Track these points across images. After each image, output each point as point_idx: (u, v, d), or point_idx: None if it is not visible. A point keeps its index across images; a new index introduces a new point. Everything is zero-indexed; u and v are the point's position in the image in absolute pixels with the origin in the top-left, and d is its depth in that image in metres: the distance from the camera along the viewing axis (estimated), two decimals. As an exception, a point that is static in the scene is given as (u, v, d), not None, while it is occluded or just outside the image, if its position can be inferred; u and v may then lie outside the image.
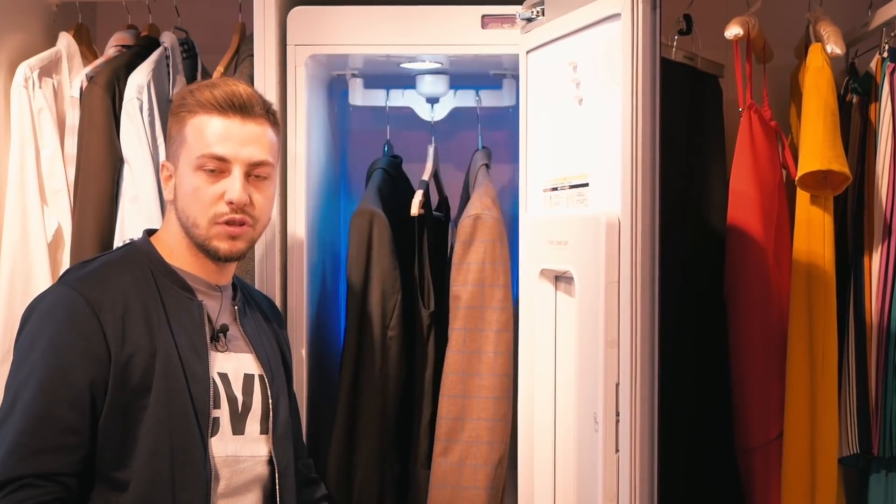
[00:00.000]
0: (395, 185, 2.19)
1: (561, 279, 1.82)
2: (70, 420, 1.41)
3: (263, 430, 1.58)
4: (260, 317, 1.69)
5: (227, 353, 1.56)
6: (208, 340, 1.53)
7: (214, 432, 1.51)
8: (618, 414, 1.56)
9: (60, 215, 2.12)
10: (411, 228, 2.08)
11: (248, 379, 1.58)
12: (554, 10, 1.80)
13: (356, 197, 2.22)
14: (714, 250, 2.09)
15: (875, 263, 2.00)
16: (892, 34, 2.05)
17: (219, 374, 1.53)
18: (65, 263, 2.09)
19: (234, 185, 1.51)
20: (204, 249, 1.54)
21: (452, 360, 1.93)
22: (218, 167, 1.51)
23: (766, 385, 2.04)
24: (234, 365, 1.57)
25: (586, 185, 1.71)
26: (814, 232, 1.98)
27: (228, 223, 1.52)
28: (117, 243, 2.00)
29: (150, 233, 1.62)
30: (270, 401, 1.59)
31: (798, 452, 1.98)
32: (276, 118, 1.60)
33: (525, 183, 1.93)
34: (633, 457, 1.54)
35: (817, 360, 1.97)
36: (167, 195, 1.58)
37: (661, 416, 1.55)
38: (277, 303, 1.96)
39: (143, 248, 1.57)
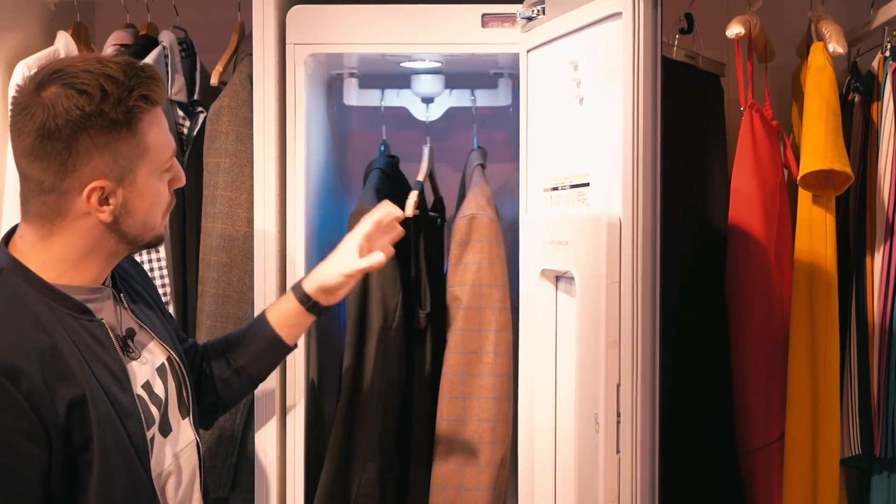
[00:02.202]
0: (392, 186, 2.19)
1: (562, 279, 1.82)
2: None
3: (184, 414, 1.50)
4: (137, 288, 1.54)
5: (138, 359, 1.43)
6: (123, 361, 1.38)
7: (153, 453, 1.40)
8: (619, 414, 1.56)
9: (59, 215, 2.10)
10: (405, 229, 2.07)
11: (161, 371, 1.47)
12: (554, 9, 1.79)
13: (356, 197, 2.22)
14: (715, 250, 2.09)
15: (877, 263, 2.00)
16: (894, 33, 2.04)
17: (141, 387, 1.41)
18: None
19: (180, 171, 1.43)
20: (148, 245, 1.42)
21: (452, 362, 1.93)
22: None
23: (768, 385, 2.03)
24: (148, 365, 1.45)
25: (587, 184, 1.70)
26: (815, 232, 1.97)
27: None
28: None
29: (5, 241, 1.38)
30: (182, 380, 1.51)
31: (800, 453, 1.97)
32: None
33: (525, 183, 1.92)
34: (635, 458, 1.53)
35: (819, 360, 1.97)
36: (105, 217, 1.34)
37: (663, 417, 1.55)
38: (276, 303, 1.95)
39: (19, 276, 1.33)
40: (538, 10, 1.85)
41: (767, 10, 2.13)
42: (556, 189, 1.80)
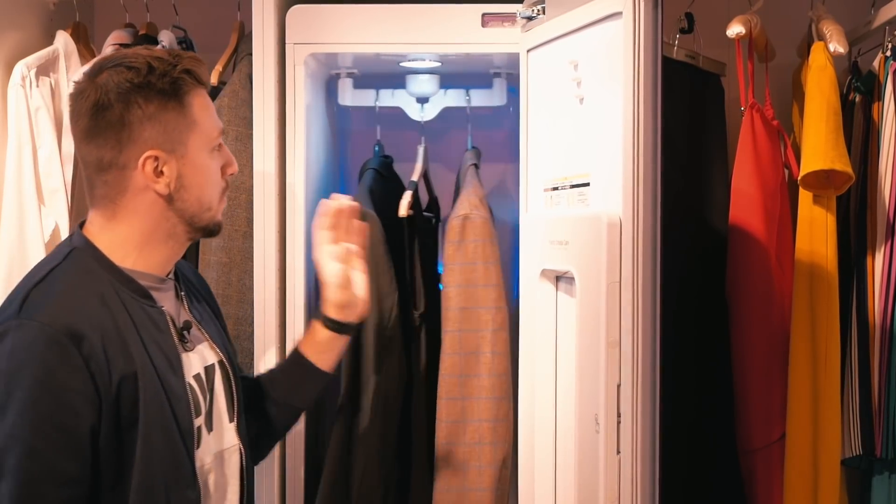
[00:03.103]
0: (386, 186, 2.19)
1: (562, 279, 1.81)
2: (70, 471, 1.29)
3: (231, 419, 1.54)
4: (198, 293, 1.60)
5: (192, 351, 1.48)
6: (178, 348, 1.44)
7: (199, 443, 1.44)
8: (619, 415, 1.55)
9: (58, 215, 2.10)
10: (400, 229, 2.07)
11: (209, 370, 1.52)
12: (555, 9, 1.79)
13: (353, 196, 2.22)
14: (716, 250, 2.09)
15: (878, 263, 1.99)
16: (895, 32, 2.03)
17: (193, 377, 1.46)
18: (62, 263, 2.08)
19: (232, 157, 1.49)
20: (209, 229, 1.48)
21: (449, 363, 1.92)
22: None
23: (769, 386, 2.03)
24: (199, 360, 1.50)
25: (587, 184, 1.70)
26: (816, 232, 1.97)
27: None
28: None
29: (80, 226, 1.46)
30: (232, 384, 1.55)
31: (800, 454, 1.97)
32: None
33: (526, 183, 1.92)
34: (635, 458, 1.53)
35: (820, 360, 1.96)
36: (162, 189, 1.40)
37: (663, 417, 1.54)
38: (275, 304, 1.95)
39: (89, 255, 1.41)
40: (538, 10, 1.84)
41: (768, 10, 2.13)
42: (556, 189, 1.80)
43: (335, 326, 1.66)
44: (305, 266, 2.00)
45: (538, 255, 1.83)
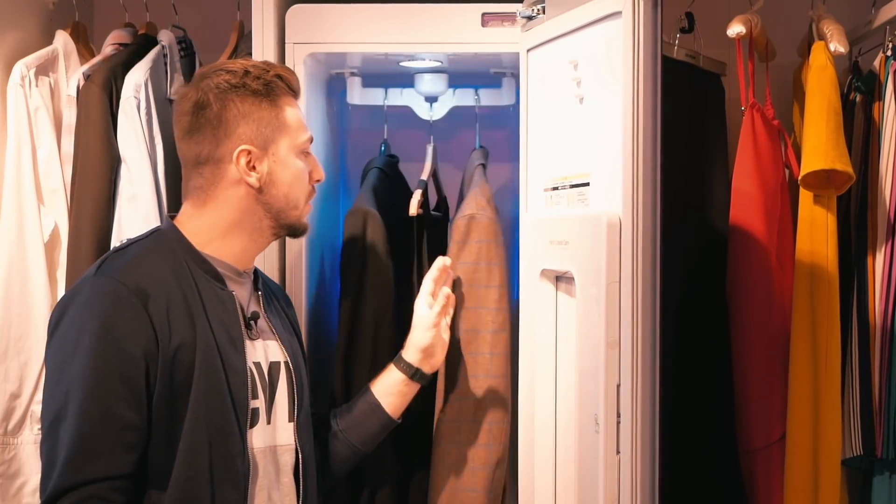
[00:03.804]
0: (391, 185, 2.18)
1: (562, 279, 1.81)
2: (129, 416, 1.38)
3: (290, 418, 1.60)
4: (277, 304, 1.71)
5: (257, 340, 1.57)
6: (243, 330, 1.53)
7: (254, 423, 1.52)
8: (619, 415, 1.55)
9: (57, 215, 2.10)
10: (407, 228, 2.06)
11: (274, 367, 1.59)
12: (555, 8, 1.79)
13: (355, 196, 2.21)
14: (716, 250, 2.08)
15: (878, 263, 1.99)
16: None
17: (254, 363, 1.54)
18: (61, 263, 2.08)
19: (319, 165, 1.63)
20: (295, 229, 1.61)
21: (448, 362, 1.92)
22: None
23: (769, 386, 2.03)
24: (264, 353, 1.58)
25: (587, 184, 1.69)
26: (817, 232, 1.97)
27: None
28: (114, 243, 1.99)
29: (171, 217, 1.59)
30: (296, 388, 1.61)
31: (801, 454, 1.97)
32: None
33: (525, 182, 1.91)
34: (635, 458, 1.52)
35: (820, 360, 1.96)
36: (254, 181, 1.53)
37: (663, 418, 1.54)
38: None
39: (171, 236, 1.53)
40: (538, 10, 1.84)
41: (768, 10, 2.13)
42: (556, 189, 1.80)
43: (409, 370, 1.78)
44: (306, 266, 2.00)
45: (538, 255, 1.83)
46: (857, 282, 2.01)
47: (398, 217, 2.03)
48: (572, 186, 1.74)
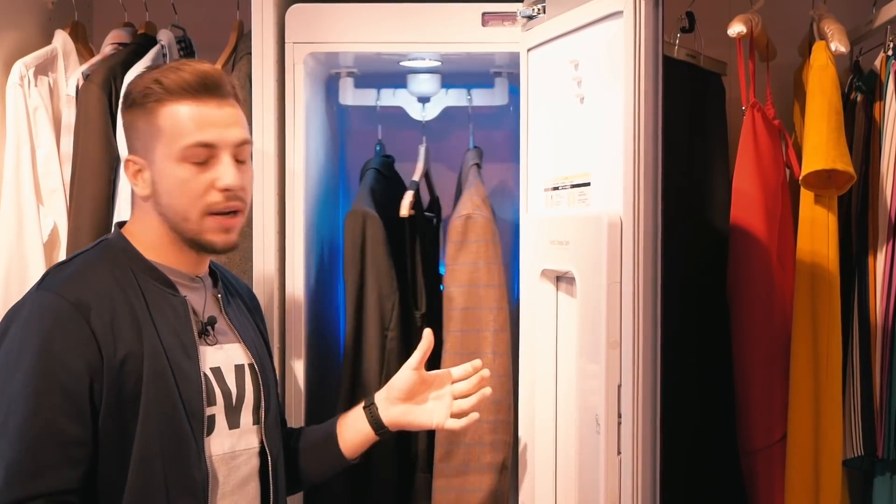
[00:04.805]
0: (388, 185, 2.18)
1: (562, 280, 1.81)
2: (73, 431, 1.34)
3: (255, 421, 1.56)
4: (241, 303, 1.66)
5: (217, 345, 1.52)
6: (196, 336, 1.48)
7: (210, 431, 1.47)
8: (620, 415, 1.55)
9: (56, 215, 2.10)
10: (404, 229, 2.06)
11: (239, 370, 1.55)
12: (555, 8, 1.79)
13: (354, 196, 2.21)
14: (717, 250, 2.08)
15: (879, 263, 1.99)
16: (897, 32, 2.03)
17: (211, 369, 1.50)
18: (61, 263, 2.08)
19: (228, 171, 1.45)
20: (196, 244, 1.48)
21: (450, 363, 1.91)
22: (206, 155, 1.44)
23: (770, 386, 2.02)
24: (225, 357, 1.53)
25: (588, 184, 1.69)
26: (818, 232, 1.97)
27: (222, 213, 1.46)
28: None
29: (120, 225, 1.55)
30: (262, 390, 1.57)
31: (802, 454, 1.96)
32: (238, 93, 1.53)
33: (526, 182, 1.91)
34: (636, 459, 1.52)
35: (821, 361, 1.96)
36: (140, 191, 1.48)
37: (664, 418, 1.54)
38: (275, 304, 1.94)
39: (118, 245, 1.49)
40: (539, 9, 1.84)
41: (769, 9, 2.13)
42: (556, 189, 1.79)
43: (376, 424, 1.68)
44: (305, 267, 1.99)
45: (538, 255, 1.83)
46: (857, 282, 2.01)
47: (394, 218, 2.03)
48: (573, 186, 1.73)
